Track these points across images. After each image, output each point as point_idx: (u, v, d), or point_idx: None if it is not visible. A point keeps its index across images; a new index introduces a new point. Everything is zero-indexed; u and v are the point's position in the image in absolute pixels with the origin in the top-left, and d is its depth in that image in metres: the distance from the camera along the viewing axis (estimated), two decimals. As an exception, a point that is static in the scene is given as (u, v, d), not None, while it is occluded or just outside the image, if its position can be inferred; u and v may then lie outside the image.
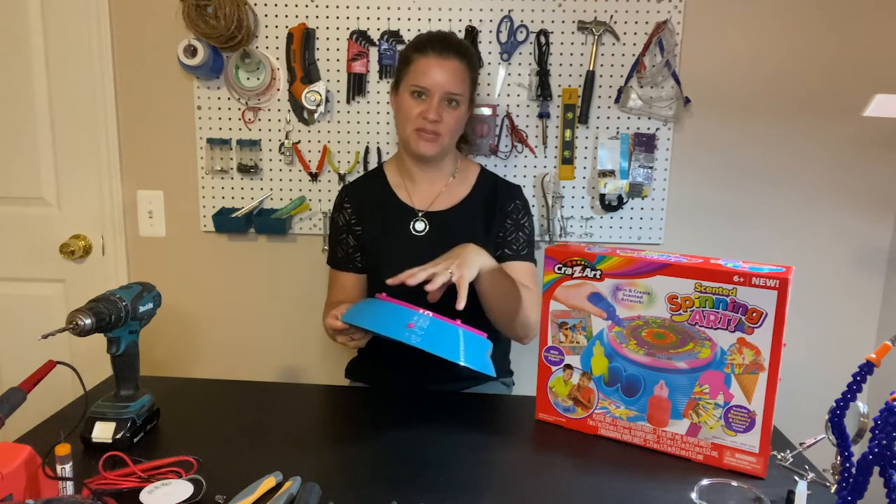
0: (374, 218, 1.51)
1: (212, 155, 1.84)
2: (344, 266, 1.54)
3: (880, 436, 0.74)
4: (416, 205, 1.51)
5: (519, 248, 1.50)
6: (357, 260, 1.53)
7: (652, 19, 1.74)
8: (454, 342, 1.09)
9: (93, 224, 1.89)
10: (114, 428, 1.04)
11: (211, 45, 1.73)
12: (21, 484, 0.83)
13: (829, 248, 1.85)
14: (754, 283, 0.96)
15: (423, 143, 1.42)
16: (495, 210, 1.51)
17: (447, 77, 1.39)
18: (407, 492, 0.94)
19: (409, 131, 1.43)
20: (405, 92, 1.43)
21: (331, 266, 1.57)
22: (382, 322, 1.11)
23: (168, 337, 1.95)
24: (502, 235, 1.50)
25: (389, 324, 1.09)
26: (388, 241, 1.49)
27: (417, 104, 1.41)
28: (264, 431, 1.13)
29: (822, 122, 1.79)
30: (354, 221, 1.53)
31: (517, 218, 1.52)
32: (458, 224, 1.49)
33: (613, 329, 1.09)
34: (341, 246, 1.54)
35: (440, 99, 1.40)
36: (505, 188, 1.55)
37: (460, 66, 1.41)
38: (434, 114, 1.39)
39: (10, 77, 1.81)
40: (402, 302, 1.13)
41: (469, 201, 1.51)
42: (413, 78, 1.41)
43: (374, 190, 1.54)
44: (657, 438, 1.08)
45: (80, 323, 0.97)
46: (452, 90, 1.40)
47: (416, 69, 1.41)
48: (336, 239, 1.56)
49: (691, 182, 1.83)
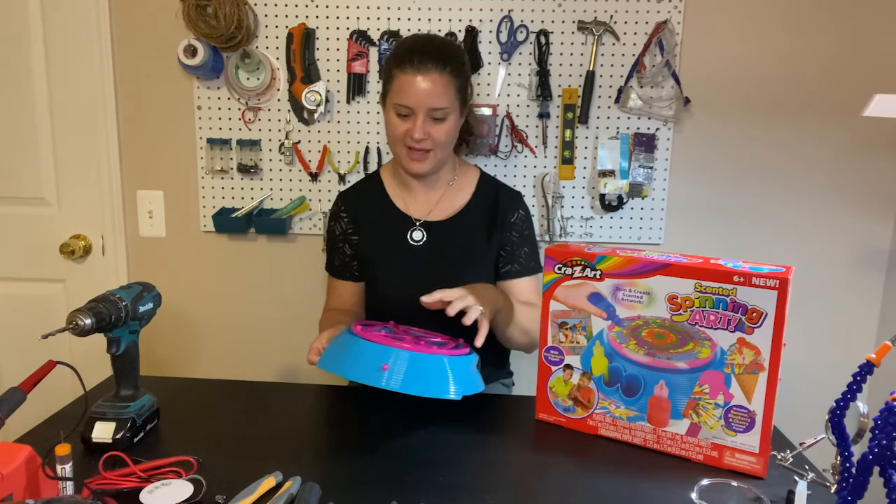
0: (370, 227, 1.49)
1: (212, 155, 1.84)
2: (341, 274, 1.53)
3: (880, 436, 0.74)
4: (413, 214, 1.48)
5: (527, 262, 1.48)
6: (354, 269, 1.52)
7: (652, 19, 1.74)
8: (441, 376, 1.04)
9: (93, 224, 1.89)
10: (114, 428, 1.04)
11: (211, 45, 1.73)
12: (21, 484, 0.83)
13: (829, 248, 1.85)
14: (754, 283, 0.96)
15: (414, 162, 1.38)
16: (497, 220, 1.47)
17: (428, 92, 1.31)
18: (407, 492, 0.94)
19: (399, 149, 1.39)
20: (390, 108, 1.37)
21: (329, 273, 1.57)
22: (356, 367, 1.04)
23: (168, 337, 1.95)
24: (509, 249, 1.47)
25: (363, 368, 1.02)
26: (385, 251, 1.47)
27: (402, 122, 1.35)
28: (264, 431, 1.13)
29: (822, 122, 1.79)
30: (351, 231, 1.51)
31: (522, 229, 1.50)
32: (458, 233, 1.46)
33: (613, 329, 1.09)
34: (338, 255, 1.53)
35: (425, 116, 1.33)
36: (507, 197, 1.50)
37: (441, 77, 1.32)
38: (419, 132, 1.33)
39: (10, 77, 1.81)
40: (378, 336, 1.07)
41: (469, 210, 1.48)
42: (395, 96, 1.34)
43: (371, 197, 1.52)
44: (657, 438, 1.08)
45: (80, 323, 0.97)
46: (436, 105, 1.33)
47: (398, 86, 1.34)
48: (333, 247, 1.55)
49: (691, 182, 1.83)
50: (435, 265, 1.43)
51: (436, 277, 1.38)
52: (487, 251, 1.47)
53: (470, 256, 1.46)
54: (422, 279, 1.36)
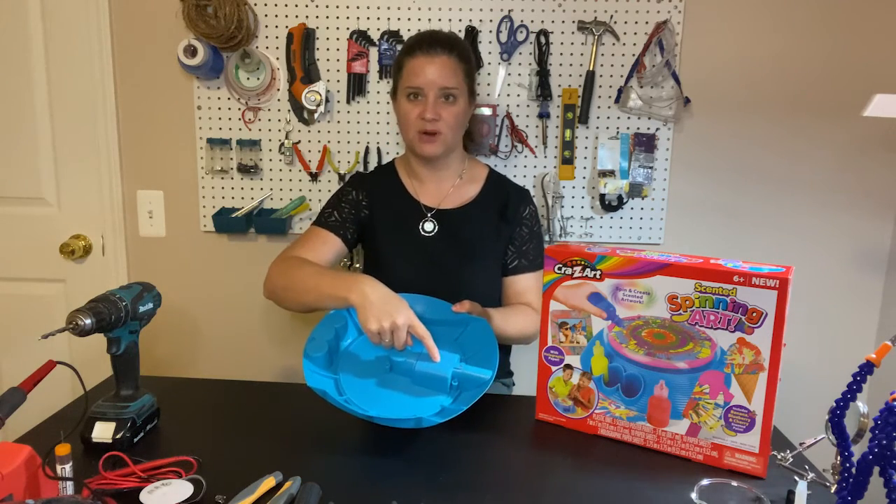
0: (384, 209, 1.52)
1: (212, 155, 1.84)
2: (333, 228, 1.49)
3: (880, 436, 0.74)
4: (424, 202, 1.51)
5: (534, 258, 1.52)
6: (349, 231, 1.50)
7: (652, 19, 1.74)
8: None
9: (93, 224, 1.89)
10: (114, 428, 1.04)
11: (211, 45, 1.73)
12: (21, 484, 0.83)
13: (829, 248, 1.85)
14: (754, 283, 0.96)
15: (426, 144, 1.43)
16: (507, 214, 1.51)
17: (438, 72, 1.39)
18: (407, 492, 0.94)
19: (412, 135, 1.43)
20: (402, 96, 1.43)
21: (316, 225, 1.51)
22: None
23: (168, 337, 1.95)
24: (518, 244, 1.51)
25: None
26: (397, 240, 1.49)
27: (414, 106, 1.41)
28: (264, 431, 1.13)
29: (822, 122, 1.79)
30: (365, 204, 1.53)
31: (532, 225, 1.53)
32: (468, 223, 1.49)
33: (613, 329, 1.09)
34: (339, 211, 1.51)
35: (436, 96, 1.40)
36: (516, 192, 1.55)
37: (450, 59, 1.41)
38: (431, 112, 1.39)
39: (10, 77, 1.81)
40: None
41: (478, 201, 1.52)
42: (406, 80, 1.42)
43: (387, 183, 1.55)
44: (657, 438, 1.08)
45: (80, 323, 0.97)
46: (446, 84, 1.40)
47: (408, 71, 1.41)
48: (338, 204, 1.52)
49: (691, 182, 1.83)
50: (445, 256, 1.46)
51: (445, 269, 1.41)
52: (496, 243, 1.49)
53: (479, 247, 1.49)
54: (431, 270, 1.38)
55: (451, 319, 1.25)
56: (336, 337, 1.23)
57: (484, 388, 1.10)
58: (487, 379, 1.12)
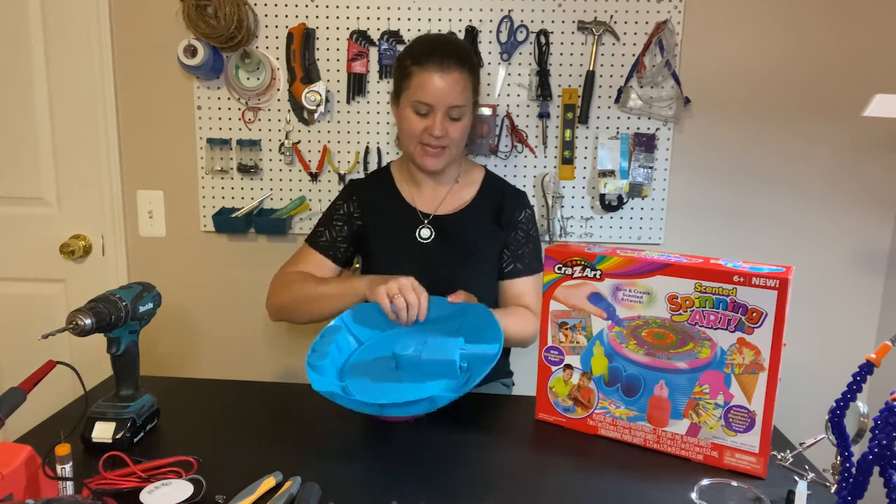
0: (379, 217, 1.51)
1: (212, 155, 1.84)
2: (324, 250, 1.51)
3: (880, 436, 0.74)
4: (420, 209, 1.50)
5: (530, 262, 1.51)
6: (340, 250, 1.52)
7: (652, 19, 1.74)
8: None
9: (93, 224, 1.89)
10: (114, 428, 1.04)
11: (211, 45, 1.73)
12: (21, 484, 0.83)
13: (829, 248, 1.85)
14: (754, 283, 0.96)
15: (429, 158, 1.41)
16: (503, 218, 1.50)
17: (450, 90, 1.36)
18: (407, 492, 0.94)
19: (414, 146, 1.41)
20: (407, 106, 1.39)
21: (308, 244, 1.53)
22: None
23: (168, 337, 1.95)
24: (514, 248, 1.50)
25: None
26: (393, 247, 1.49)
27: (420, 120, 1.38)
28: (264, 431, 1.13)
29: (822, 122, 1.79)
30: (357, 215, 1.52)
31: (528, 228, 1.52)
32: (464, 228, 1.48)
33: (613, 329, 1.09)
34: (331, 230, 1.52)
35: (444, 113, 1.37)
36: (513, 196, 1.53)
37: (461, 76, 1.37)
38: (440, 129, 1.37)
39: (10, 77, 1.81)
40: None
41: (475, 205, 1.51)
42: (414, 93, 1.37)
43: (381, 189, 1.54)
44: (657, 438, 1.08)
45: (80, 323, 0.97)
46: (456, 103, 1.37)
47: (418, 83, 1.36)
48: (329, 222, 1.53)
49: (691, 182, 1.83)
50: (441, 262, 1.45)
51: (442, 274, 1.41)
52: (492, 247, 1.49)
53: (475, 252, 1.48)
54: (428, 276, 1.38)
55: (449, 313, 1.26)
56: (337, 349, 1.24)
57: (494, 360, 1.10)
58: (495, 353, 1.12)
